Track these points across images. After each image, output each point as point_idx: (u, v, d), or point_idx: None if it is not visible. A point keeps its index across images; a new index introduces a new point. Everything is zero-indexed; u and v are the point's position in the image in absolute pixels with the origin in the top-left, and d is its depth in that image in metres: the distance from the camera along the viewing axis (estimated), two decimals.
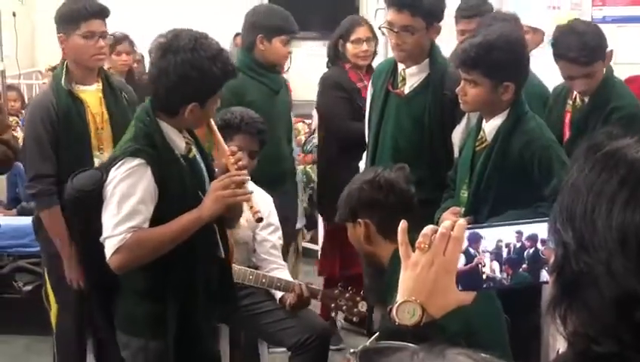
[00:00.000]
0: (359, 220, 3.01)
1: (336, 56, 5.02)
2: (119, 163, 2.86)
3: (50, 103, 3.84)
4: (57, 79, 3.93)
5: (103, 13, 3.94)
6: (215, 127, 3.06)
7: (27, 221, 5.34)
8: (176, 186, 2.92)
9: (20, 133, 6.87)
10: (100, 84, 3.98)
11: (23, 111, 7.34)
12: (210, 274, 3.09)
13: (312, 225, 6.27)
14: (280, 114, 4.71)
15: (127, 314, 3.07)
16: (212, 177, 3.09)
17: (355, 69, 4.93)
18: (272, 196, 4.07)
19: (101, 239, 2.87)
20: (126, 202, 2.83)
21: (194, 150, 3.06)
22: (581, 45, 3.72)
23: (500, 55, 3.28)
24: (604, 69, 3.81)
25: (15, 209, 5.94)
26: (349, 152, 4.68)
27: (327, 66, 5.11)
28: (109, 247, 2.85)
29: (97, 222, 2.89)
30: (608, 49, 3.81)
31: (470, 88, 3.36)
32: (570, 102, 3.88)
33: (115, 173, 2.86)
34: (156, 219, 2.88)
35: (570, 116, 3.86)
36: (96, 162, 3.84)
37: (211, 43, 2.89)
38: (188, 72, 2.82)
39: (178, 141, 2.98)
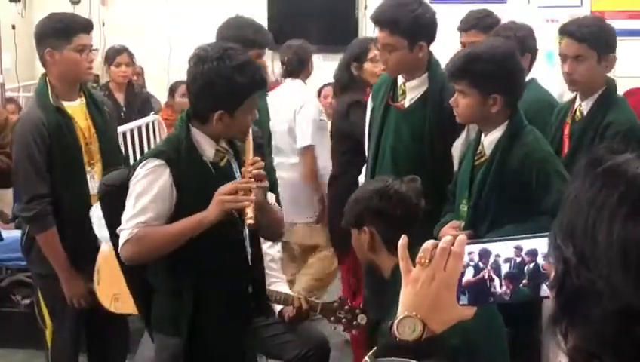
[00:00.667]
0: (365, 228, 3.02)
1: (350, 80, 4.99)
2: (144, 162, 3.03)
3: (40, 121, 3.77)
4: (42, 96, 3.86)
5: (89, 27, 3.98)
6: (250, 138, 3.13)
7: None
8: (196, 190, 3.03)
9: None
10: (83, 98, 3.96)
11: None
12: (232, 276, 3.15)
13: None
14: (263, 123, 4.70)
15: (153, 311, 3.23)
16: None
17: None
18: None
19: (117, 230, 3.03)
20: (141, 199, 2.98)
21: (226, 159, 3.15)
22: (582, 23, 3.76)
23: (486, 67, 3.31)
24: (604, 77, 3.79)
25: (13, 222, 5.92)
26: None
27: (336, 93, 5.04)
28: (121, 239, 3.00)
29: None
30: (611, 55, 3.78)
31: (461, 99, 3.39)
32: (570, 115, 3.88)
33: (138, 171, 3.01)
34: (174, 219, 3.01)
35: (569, 128, 3.86)
36: (89, 177, 3.86)
37: (239, 54, 3.04)
38: (213, 79, 2.96)
39: (208, 148, 3.09)
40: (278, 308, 3.83)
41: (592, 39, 3.68)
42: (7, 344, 5.30)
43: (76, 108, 3.93)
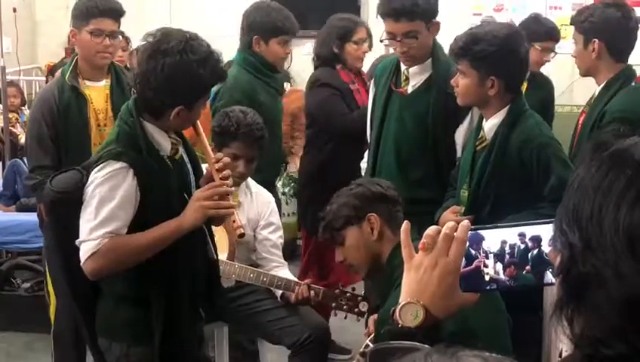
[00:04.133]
0: (369, 215, 3.00)
1: (329, 57, 4.82)
2: (101, 165, 2.77)
3: (52, 97, 3.88)
4: (63, 73, 3.97)
5: (114, 12, 3.95)
6: (201, 130, 2.97)
7: (26, 217, 5.36)
8: (160, 190, 2.83)
9: (19, 130, 6.89)
10: (109, 80, 3.98)
11: (23, 108, 7.35)
12: (196, 276, 3.02)
13: None
14: (281, 114, 4.70)
15: (108, 319, 2.98)
16: (198, 178, 3.01)
17: (347, 71, 4.81)
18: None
19: (77, 242, 2.78)
20: (104, 206, 2.74)
21: (180, 151, 2.96)
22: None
23: (485, 47, 3.29)
24: (609, 64, 3.79)
25: (14, 205, 5.91)
26: (347, 149, 4.69)
27: (316, 67, 4.92)
28: (84, 252, 2.76)
29: (73, 225, 2.80)
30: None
31: (461, 79, 3.38)
32: (589, 103, 3.91)
33: (96, 176, 2.77)
34: (139, 223, 2.79)
35: (584, 115, 3.88)
36: None
37: (201, 45, 2.79)
38: (176, 75, 2.73)
39: (163, 142, 2.88)
40: (279, 293, 3.83)
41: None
42: (8, 327, 5.31)
43: (99, 89, 3.97)
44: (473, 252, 1.48)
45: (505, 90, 3.35)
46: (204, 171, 3.03)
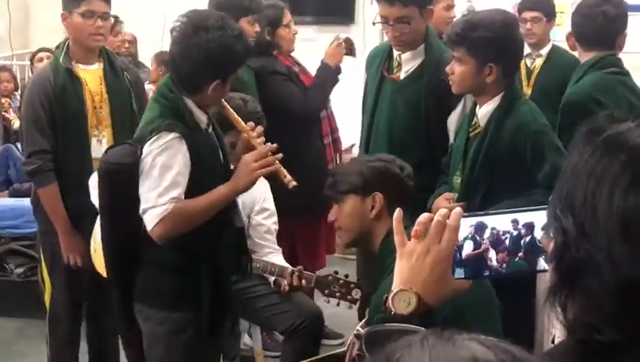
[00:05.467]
0: (375, 193, 2.97)
1: (264, 45, 4.69)
2: (154, 137, 2.92)
3: (47, 80, 3.86)
4: (57, 56, 3.96)
5: None
6: (227, 105, 3.14)
7: (19, 202, 5.36)
8: (206, 159, 3.02)
9: (12, 115, 6.86)
10: (102, 63, 3.98)
11: (16, 93, 7.31)
12: (226, 244, 3.17)
13: None
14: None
15: (150, 286, 3.12)
16: (224, 152, 3.18)
17: (285, 55, 4.77)
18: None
19: (141, 210, 2.94)
20: (167, 174, 2.90)
21: (211, 127, 3.15)
22: None
23: (484, 34, 3.27)
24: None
25: (7, 190, 5.90)
26: (307, 133, 4.66)
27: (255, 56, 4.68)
28: (153, 217, 2.91)
29: (126, 196, 2.97)
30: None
31: (457, 67, 3.36)
32: None
33: (152, 147, 2.92)
34: (190, 190, 2.96)
35: None
36: (94, 141, 3.89)
37: (234, 23, 3.06)
38: (217, 49, 2.92)
39: (200, 116, 3.06)
40: (272, 278, 3.82)
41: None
42: (0, 313, 5.30)
43: (92, 72, 3.96)
44: (478, 238, 1.48)
45: (502, 76, 3.35)
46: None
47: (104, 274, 3.77)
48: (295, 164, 4.39)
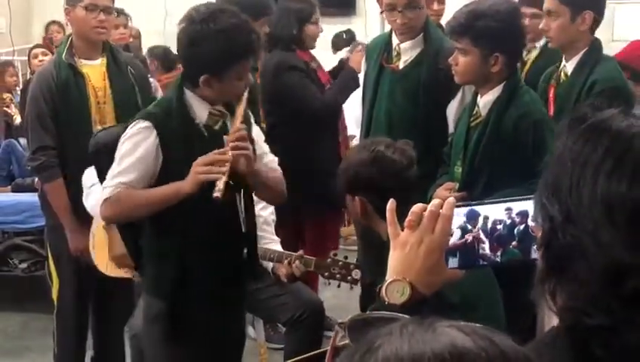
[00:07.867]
0: (356, 197, 2.94)
1: (288, 40, 4.70)
2: (133, 123, 2.97)
3: (50, 76, 3.87)
4: (59, 52, 3.97)
5: None
6: (242, 104, 3.02)
7: (22, 197, 5.37)
8: (180, 152, 2.94)
9: (14, 110, 6.87)
10: (105, 58, 3.98)
11: (17, 88, 7.33)
12: (232, 246, 3.13)
13: None
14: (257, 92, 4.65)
15: (142, 272, 3.23)
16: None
17: (304, 50, 4.76)
18: None
19: (102, 187, 3.02)
20: (126, 158, 2.93)
21: (222, 122, 3.04)
22: None
23: (489, 23, 3.25)
24: (586, 36, 3.74)
25: (10, 186, 5.92)
26: (321, 132, 4.64)
27: (269, 50, 4.73)
28: (102, 196, 2.98)
29: None
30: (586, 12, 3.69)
31: (461, 57, 3.34)
32: (556, 77, 3.84)
33: (127, 132, 2.97)
34: (161, 180, 2.95)
35: (554, 91, 3.82)
36: None
37: (229, 17, 2.88)
38: (195, 42, 2.88)
39: (200, 111, 3.00)
40: (270, 265, 3.80)
41: None
42: (5, 307, 5.33)
43: (95, 67, 3.96)
44: (469, 227, 1.48)
45: (506, 66, 3.33)
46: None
47: (103, 271, 3.80)
48: (305, 162, 4.43)
